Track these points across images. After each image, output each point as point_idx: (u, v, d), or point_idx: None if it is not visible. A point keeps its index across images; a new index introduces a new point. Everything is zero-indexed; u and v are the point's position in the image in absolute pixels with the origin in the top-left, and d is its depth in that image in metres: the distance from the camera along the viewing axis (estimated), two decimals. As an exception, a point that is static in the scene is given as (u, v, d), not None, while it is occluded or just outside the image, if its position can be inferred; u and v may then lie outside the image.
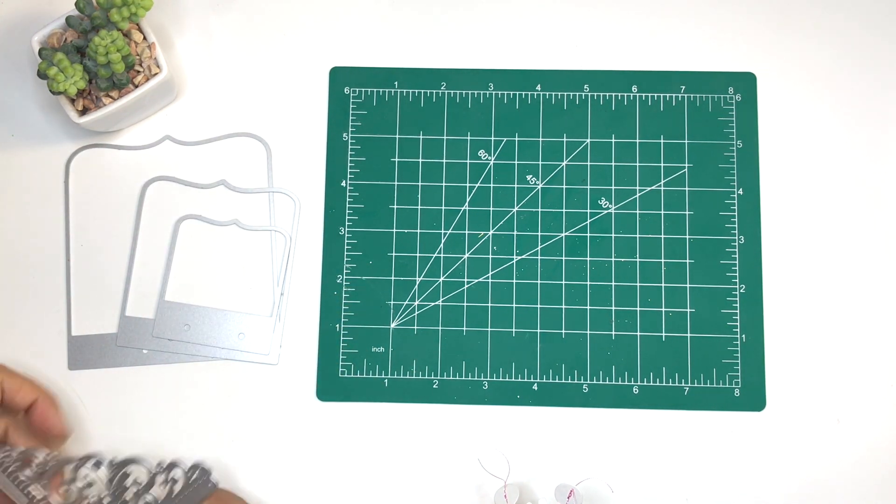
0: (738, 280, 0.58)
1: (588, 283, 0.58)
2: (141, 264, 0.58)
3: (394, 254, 0.58)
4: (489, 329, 0.57)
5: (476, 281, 0.58)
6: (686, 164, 0.59)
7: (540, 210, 0.59)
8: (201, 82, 0.60)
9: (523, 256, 0.58)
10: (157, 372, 0.57)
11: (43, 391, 0.52)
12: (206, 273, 0.58)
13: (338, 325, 0.58)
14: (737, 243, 0.58)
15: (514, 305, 0.58)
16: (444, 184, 0.59)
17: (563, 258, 0.58)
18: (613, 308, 0.57)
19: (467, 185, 0.59)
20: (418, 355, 0.57)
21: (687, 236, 0.58)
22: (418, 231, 0.58)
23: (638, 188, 0.59)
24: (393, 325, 0.58)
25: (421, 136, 0.59)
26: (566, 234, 0.58)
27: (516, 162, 0.59)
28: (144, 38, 0.56)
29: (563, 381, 0.57)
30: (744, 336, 0.57)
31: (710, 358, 0.57)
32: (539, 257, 0.58)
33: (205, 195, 0.59)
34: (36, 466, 0.48)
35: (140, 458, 0.50)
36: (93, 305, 0.58)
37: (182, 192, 0.59)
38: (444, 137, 0.59)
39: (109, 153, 0.59)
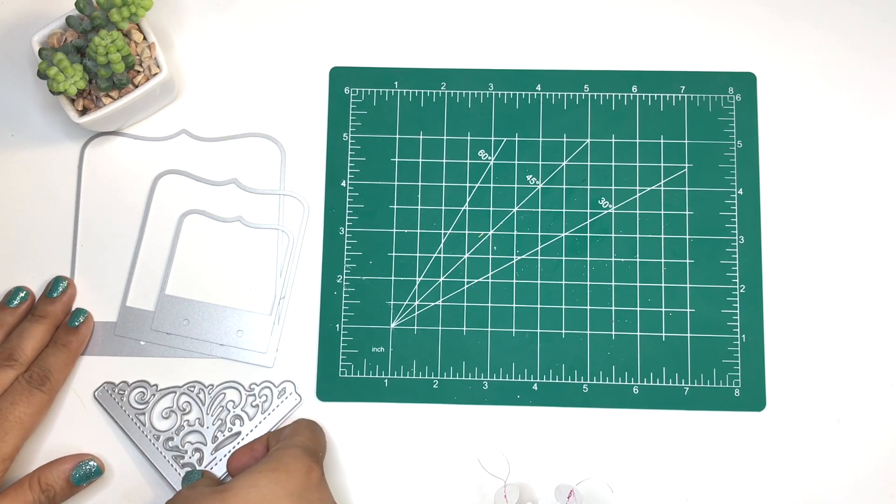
0: (738, 280, 0.58)
1: (588, 283, 0.58)
2: (146, 256, 0.58)
3: (394, 254, 0.58)
4: (489, 329, 0.57)
5: (476, 281, 0.58)
6: (686, 164, 0.59)
7: (540, 210, 0.59)
8: (201, 82, 0.60)
9: (523, 256, 0.58)
10: (153, 364, 0.57)
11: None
12: (208, 269, 0.58)
13: (338, 325, 0.58)
14: (737, 243, 0.58)
15: (514, 305, 0.58)
16: (444, 184, 0.59)
17: (563, 258, 0.58)
18: (613, 308, 0.57)
19: (467, 185, 0.59)
20: (418, 355, 0.57)
21: (687, 236, 0.58)
22: (418, 231, 0.58)
23: (638, 188, 0.59)
24: (393, 325, 0.58)
25: (421, 136, 0.59)
26: (566, 234, 0.58)
27: (516, 162, 0.59)
28: (144, 38, 0.56)
29: (563, 381, 0.57)
30: (744, 336, 0.57)
31: (710, 358, 0.57)
32: (539, 257, 0.58)
33: (215, 192, 0.59)
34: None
35: (234, 383, 0.56)
36: (95, 292, 0.58)
37: (193, 187, 0.59)
38: (444, 137, 0.59)
39: (124, 143, 0.59)
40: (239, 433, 0.55)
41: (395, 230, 0.58)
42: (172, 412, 0.56)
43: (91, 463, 0.54)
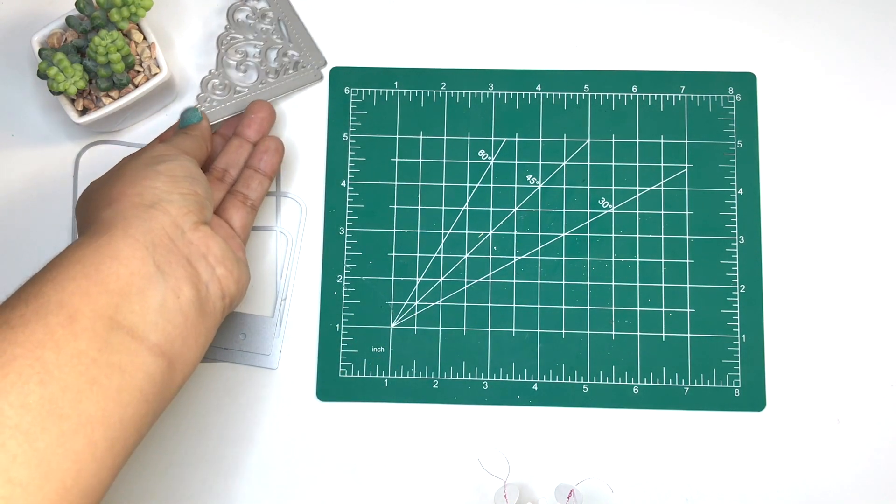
0: (738, 280, 0.58)
1: (588, 283, 0.58)
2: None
3: (394, 254, 0.58)
4: (489, 329, 0.57)
5: (476, 281, 0.58)
6: (686, 164, 0.59)
7: (540, 210, 0.59)
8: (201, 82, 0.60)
9: (523, 256, 0.58)
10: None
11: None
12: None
13: (338, 326, 0.58)
14: (737, 243, 0.58)
15: (514, 305, 0.58)
16: (444, 184, 0.59)
17: (563, 258, 0.58)
18: (613, 308, 0.57)
19: (467, 185, 0.59)
20: (418, 355, 0.57)
21: (687, 236, 0.58)
22: (418, 231, 0.58)
23: (638, 188, 0.59)
24: (393, 325, 0.58)
25: (421, 136, 0.59)
26: (566, 234, 0.58)
27: (516, 162, 0.59)
28: (144, 38, 0.56)
29: (563, 381, 0.57)
30: (744, 336, 0.57)
31: (710, 358, 0.57)
32: (539, 257, 0.58)
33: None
34: None
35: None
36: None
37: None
38: (444, 137, 0.59)
39: (118, 150, 0.59)
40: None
41: (395, 230, 0.58)
42: None
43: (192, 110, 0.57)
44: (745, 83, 0.60)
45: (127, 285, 0.44)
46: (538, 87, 0.60)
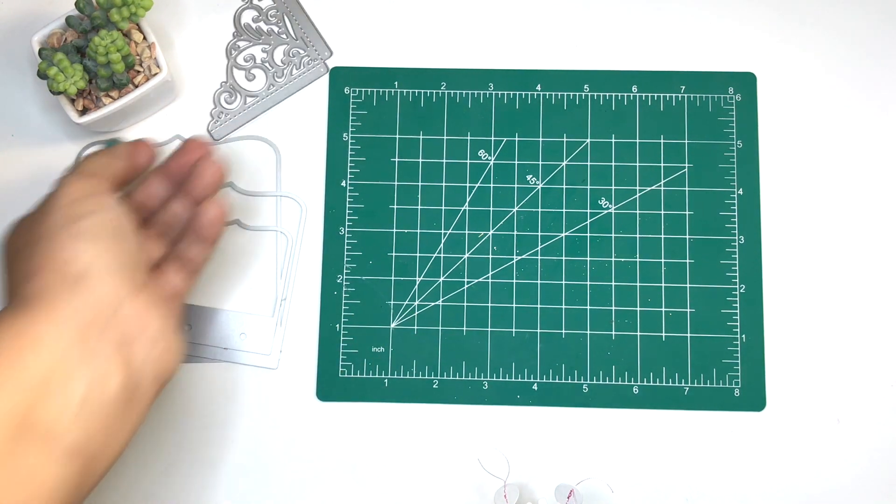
0: (738, 280, 0.58)
1: (588, 283, 0.58)
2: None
3: (394, 254, 0.58)
4: (489, 329, 0.57)
5: (476, 281, 0.58)
6: (686, 164, 0.59)
7: (540, 210, 0.59)
8: (201, 82, 0.60)
9: (523, 256, 0.58)
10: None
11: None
12: (208, 273, 0.58)
13: (338, 325, 0.58)
14: (737, 243, 0.58)
15: (514, 305, 0.58)
16: (444, 184, 0.59)
17: (563, 258, 0.58)
18: (613, 308, 0.57)
19: (467, 185, 0.59)
20: (418, 355, 0.57)
21: (687, 236, 0.58)
22: (418, 231, 0.58)
23: (638, 188, 0.59)
24: (393, 325, 0.58)
25: (421, 136, 0.59)
26: (566, 234, 0.58)
27: (516, 162, 0.59)
28: (144, 38, 0.56)
29: (563, 381, 0.57)
30: (744, 336, 0.57)
31: (710, 358, 0.57)
32: (539, 257, 0.58)
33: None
34: None
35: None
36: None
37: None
38: (444, 137, 0.59)
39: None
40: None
41: (395, 230, 0.59)
42: None
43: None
44: (745, 83, 0.60)
45: (46, 377, 0.39)
46: (538, 87, 0.60)
